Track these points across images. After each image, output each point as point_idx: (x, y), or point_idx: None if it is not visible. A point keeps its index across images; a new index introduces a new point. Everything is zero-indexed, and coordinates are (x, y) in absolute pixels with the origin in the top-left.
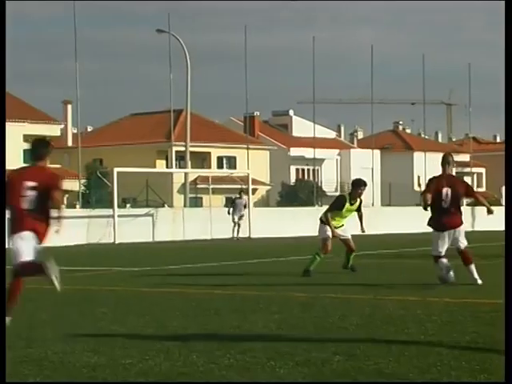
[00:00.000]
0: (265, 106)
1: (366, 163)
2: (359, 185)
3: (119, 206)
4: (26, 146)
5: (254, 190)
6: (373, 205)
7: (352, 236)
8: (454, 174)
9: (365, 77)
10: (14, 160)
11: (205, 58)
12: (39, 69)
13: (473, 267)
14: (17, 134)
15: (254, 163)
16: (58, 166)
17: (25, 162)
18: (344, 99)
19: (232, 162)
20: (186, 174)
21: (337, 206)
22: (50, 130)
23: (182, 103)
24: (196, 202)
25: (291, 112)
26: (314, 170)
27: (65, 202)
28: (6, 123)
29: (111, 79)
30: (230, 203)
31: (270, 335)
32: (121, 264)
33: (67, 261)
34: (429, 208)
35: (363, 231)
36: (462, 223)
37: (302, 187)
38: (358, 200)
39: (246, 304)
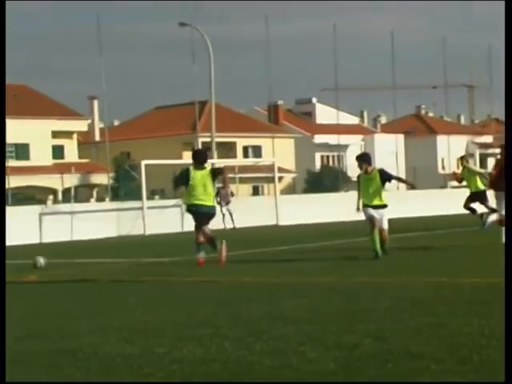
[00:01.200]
0: (288, 95)
1: (389, 148)
2: (357, 159)
3: (148, 198)
4: (55, 142)
5: (280, 178)
6: (398, 189)
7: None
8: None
9: (386, 62)
10: (44, 156)
11: (227, 49)
12: (64, 64)
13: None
14: (45, 130)
15: (279, 151)
16: (86, 160)
17: (53, 157)
18: (366, 85)
19: (257, 151)
20: (212, 164)
21: (358, 185)
22: (78, 126)
23: (206, 94)
24: None
25: (314, 99)
26: (338, 156)
27: (94, 195)
28: (34, 120)
29: (135, 73)
30: (216, 194)
31: (301, 320)
32: (151, 255)
33: (98, 253)
34: None
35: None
36: None
37: (327, 173)
38: (371, 170)
39: (275, 290)
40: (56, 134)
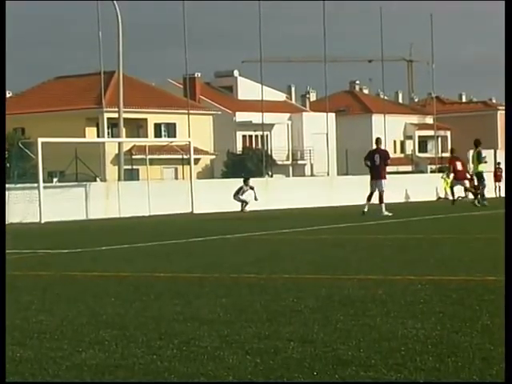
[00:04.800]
0: (206, 67)
1: (319, 128)
2: None
3: (45, 181)
4: None
5: (197, 160)
6: (328, 174)
7: (308, 208)
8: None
9: (317, 31)
10: None
11: (137, 10)
12: None
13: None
14: None
15: (196, 130)
16: None
17: None
18: (294, 57)
19: (171, 129)
20: (119, 143)
21: None
22: None
23: (113, 64)
24: (132, 175)
25: (236, 72)
26: (262, 137)
27: None
28: None
29: (32, 36)
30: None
31: (217, 321)
32: (48, 246)
33: None
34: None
35: None
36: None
37: (250, 156)
38: None
39: (189, 287)
40: None
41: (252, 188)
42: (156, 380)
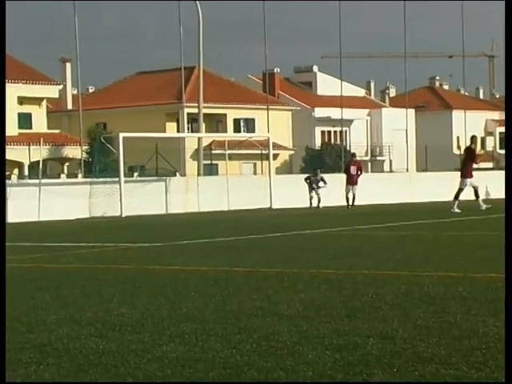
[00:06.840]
0: (286, 62)
1: (399, 124)
2: None
3: (126, 175)
4: (21, 109)
5: (276, 156)
6: (407, 170)
7: (387, 204)
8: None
9: (397, 28)
10: (9, 125)
11: (220, 8)
12: (33, 23)
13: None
14: (11, 96)
15: (275, 125)
16: (57, 130)
17: (20, 127)
18: (374, 53)
19: (250, 125)
20: (199, 138)
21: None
22: (48, 92)
23: (193, 60)
24: (211, 170)
25: (315, 68)
26: (341, 132)
27: (65, 171)
28: None
29: (114, 33)
30: (306, 179)
31: (296, 317)
32: (129, 239)
33: (69, 236)
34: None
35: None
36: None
37: (329, 151)
38: None
39: (268, 282)
40: (23, 101)
41: (323, 179)
42: (235, 374)
